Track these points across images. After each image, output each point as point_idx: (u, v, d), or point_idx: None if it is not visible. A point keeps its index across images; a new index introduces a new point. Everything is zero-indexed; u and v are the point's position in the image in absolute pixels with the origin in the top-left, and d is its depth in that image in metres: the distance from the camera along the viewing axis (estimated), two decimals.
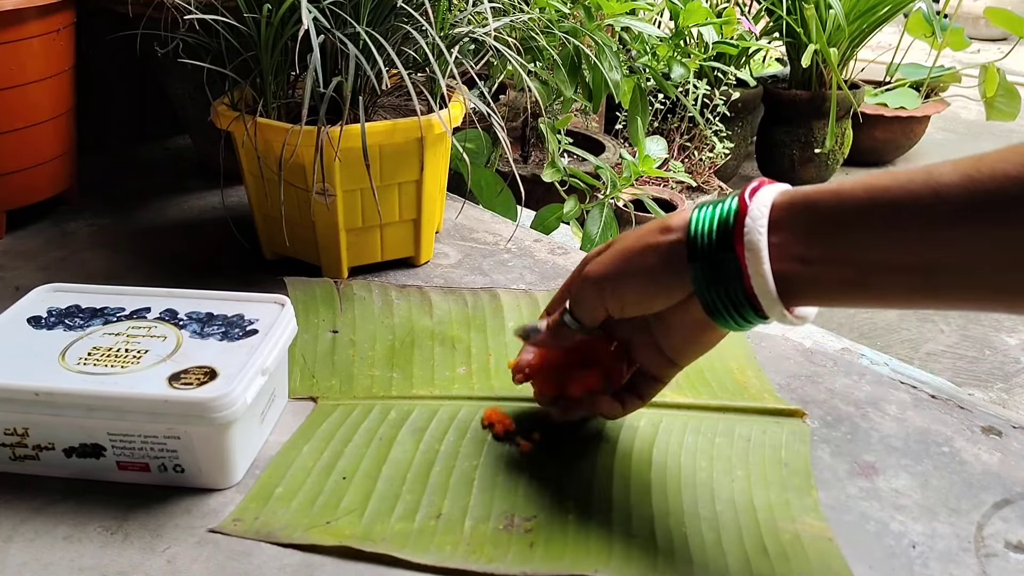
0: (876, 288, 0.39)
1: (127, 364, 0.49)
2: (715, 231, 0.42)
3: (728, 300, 0.42)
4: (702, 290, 0.43)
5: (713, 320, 0.44)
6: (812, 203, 0.40)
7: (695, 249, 0.42)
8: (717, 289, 0.42)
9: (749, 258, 0.40)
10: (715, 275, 0.42)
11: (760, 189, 0.42)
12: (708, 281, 0.42)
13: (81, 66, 0.85)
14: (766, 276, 0.40)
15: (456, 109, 0.72)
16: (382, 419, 0.56)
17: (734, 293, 0.42)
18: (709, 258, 0.42)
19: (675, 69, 1.12)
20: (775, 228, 0.40)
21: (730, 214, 0.42)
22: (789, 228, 0.40)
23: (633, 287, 0.45)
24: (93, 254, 0.80)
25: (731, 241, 0.41)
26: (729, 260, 0.41)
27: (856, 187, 0.39)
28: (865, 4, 2.27)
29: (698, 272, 0.42)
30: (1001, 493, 0.50)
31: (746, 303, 0.42)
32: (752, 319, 0.43)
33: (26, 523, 0.47)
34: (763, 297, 0.41)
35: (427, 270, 0.77)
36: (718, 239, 0.42)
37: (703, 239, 0.42)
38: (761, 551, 0.45)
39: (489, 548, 0.45)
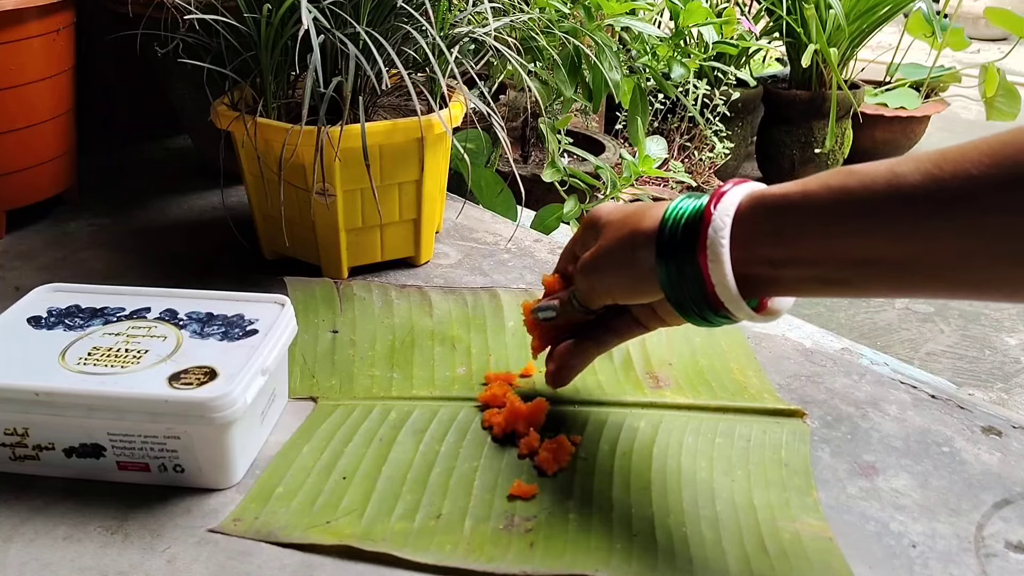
0: (845, 284, 0.39)
1: (127, 364, 0.49)
2: (679, 234, 0.43)
3: (694, 303, 0.43)
4: (668, 290, 0.44)
5: (683, 318, 0.45)
6: (776, 205, 0.40)
7: (661, 250, 0.44)
8: (682, 292, 0.43)
9: (712, 268, 0.41)
10: (680, 278, 0.43)
11: (727, 192, 0.42)
12: (672, 283, 0.43)
13: (81, 66, 0.85)
14: (729, 285, 0.41)
15: (456, 109, 0.72)
16: (382, 419, 0.56)
17: (698, 297, 0.43)
18: (674, 262, 0.43)
19: (675, 69, 1.12)
20: (740, 232, 0.41)
21: (696, 216, 0.42)
22: (754, 231, 0.41)
23: (619, 284, 0.47)
24: (93, 254, 0.80)
25: (694, 247, 0.42)
26: (691, 266, 0.42)
27: (820, 186, 0.39)
28: (865, 4, 2.27)
29: (663, 274, 0.44)
30: (1001, 493, 0.50)
31: (710, 308, 0.43)
32: (719, 320, 0.44)
33: (26, 523, 0.47)
34: (729, 303, 0.42)
35: (427, 270, 0.77)
36: (682, 242, 0.42)
37: (669, 242, 0.43)
38: (761, 551, 0.45)
39: (489, 548, 0.45)
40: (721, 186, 0.43)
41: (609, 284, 0.48)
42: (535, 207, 1.06)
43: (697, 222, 0.42)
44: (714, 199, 0.42)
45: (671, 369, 0.61)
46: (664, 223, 0.44)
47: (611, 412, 0.57)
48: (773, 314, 0.44)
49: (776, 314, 0.44)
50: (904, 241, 0.36)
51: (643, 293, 0.46)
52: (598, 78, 0.98)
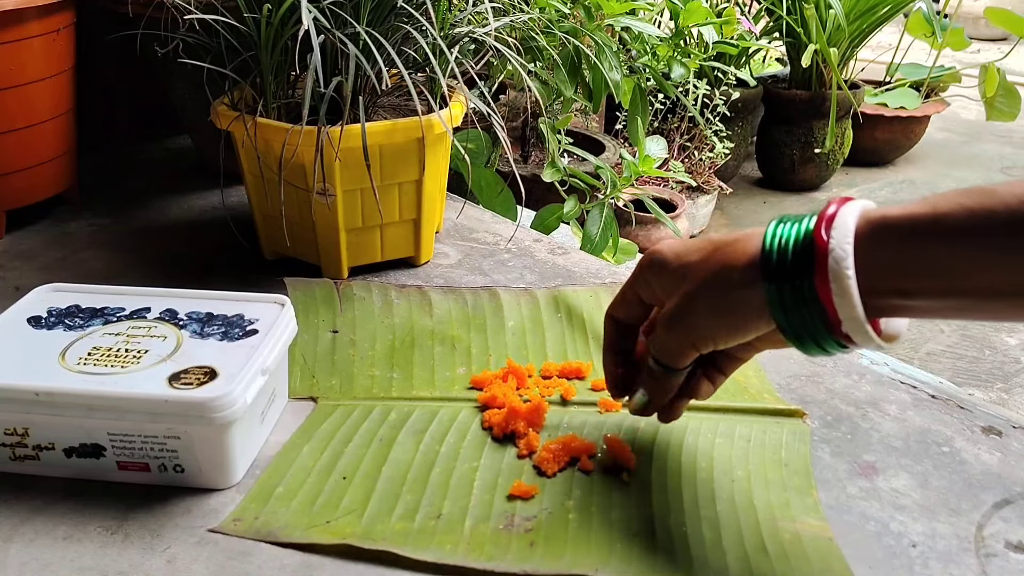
0: (984, 312, 0.37)
1: (127, 364, 0.49)
2: (790, 265, 0.39)
3: (813, 335, 0.39)
4: (784, 325, 0.40)
5: (799, 349, 0.41)
6: (905, 230, 0.37)
7: (773, 283, 0.39)
8: (802, 325, 0.39)
9: (839, 302, 0.37)
10: (798, 312, 0.39)
11: (837, 215, 0.38)
12: (790, 318, 0.39)
13: (81, 66, 0.85)
14: (859, 318, 0.37)
15: (456, 109, 0.72)
16: (382, 420, 0.56)
17: (819, 329, 0.39)
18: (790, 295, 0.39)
19: (675, 69, 1.12)
20: (865, 261, 0.37)
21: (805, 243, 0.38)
22: (882, 260, 0.37)
23: (722, 327, 0.42)
24: (93, 254, 0.80)
25: (811, 277, 0.38)
26: (810, 298, 0.38)
27: (955, 207, 0.35)
28: (865, 4, 2.27)
29: (778, 311, 0.39)
30: (1001, 493, 0.50)
31: (832, 339, 0.39)
32: (839, 349, 0.40)
33: (26, 523, 0.47)
34: (856, 336, 0.38)
35: (427, 270, 0.77)
36: (796, 272, 0.38)
37: (779, 273, 0.39)
38: (761, 551, 0.45)
39: (489, 547, 0.45)
40: (826, 208, 0.39)
41: (709, 330, 0.43)
42: (535, 207, 1.06)
43: (808, 249, 0.38)
44: (823, 224, 0.38)
45: None
46: (768, 254, 0.40)
47: (611, 413, 0.57)
48: (892, 339, 0.40)
49: (895, 339, 0.40)
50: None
51: (750, 331, 0.42)
52: (598, 78, 0.98)
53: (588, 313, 0.68)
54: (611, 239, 1.00)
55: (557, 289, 0.72)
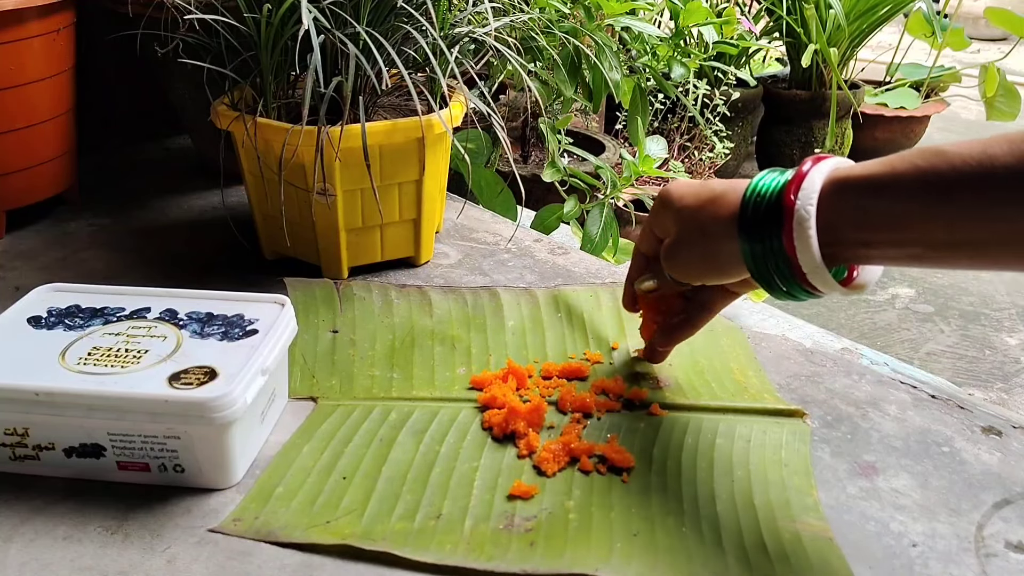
0: (938, 260, 0.40)
1: (127, 364, 0.49)
2: (762, 221, 0.43)
3: (781, 281, 0.44)
4: (754, 273, 0.45)
5: (771, 294, 0.46)
6: (864, 187, 0.40)
7: (745, 236, 0.45)
8: (770, 274, 0.44)
9: (801, 254, 0.42)
10: (766, 263, 0.44)
11: (808, 173, 0.42)
12: (759, 267, 0.44)
13: (81, 66, 0.85)
14: (819, 268, 0.42)
15: (456, 109, 0.72)
16: (382, 420, 0.56)
17: (786, 277, 0.44)
18: (760, 246, 0.44)
19: (675, 69, 1.12)
20: (826, 216, 0.41)
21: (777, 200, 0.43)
22: (842, 216, 0.41)
23: (703, 269, 0.49)
24: (93, 254, 0.80)
25: (779, 232, 0.42)
26: (778, 249, 0.43)
27: (909, 167, 0.39)
28: (865, 4, 2.27)
29: (748, 259, 0.45)
30: (1001, 493, 0.50)
31: (798, 286, 0.44)
32: (807, 295, 0.45)
33: (26, 523, 0.47)
34: (819, 284, 0.43)
35: (427, 270, 0.77)
36: (766, 228, 0.43)
37: (752, 229, 0.44)
38: (761, 551, 0.45)
39: (489, 547, 0.45)
40: (801, 166, 0.43)
41: (694, 270, 0.50)
42: (535, 207, 1.06)
43: (778, 207, 0.42)
44: (794, 183, 0.42)
45: (671, 369, 0.61)
46: (745, 208, 0.45)
47: (611, 414, 0.57)
48: (861, 287, 0.45)
49: (864, 287, 0.45)
50: (1000, 223, 0.36)
51: (728, 275, 0.48)
52: (598, 78, 0.98)
53: (588, 313, 0.68)
54: (611, 239, 1.00)
55: (557, 289, 0.72)
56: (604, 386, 0.59)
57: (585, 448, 0.52)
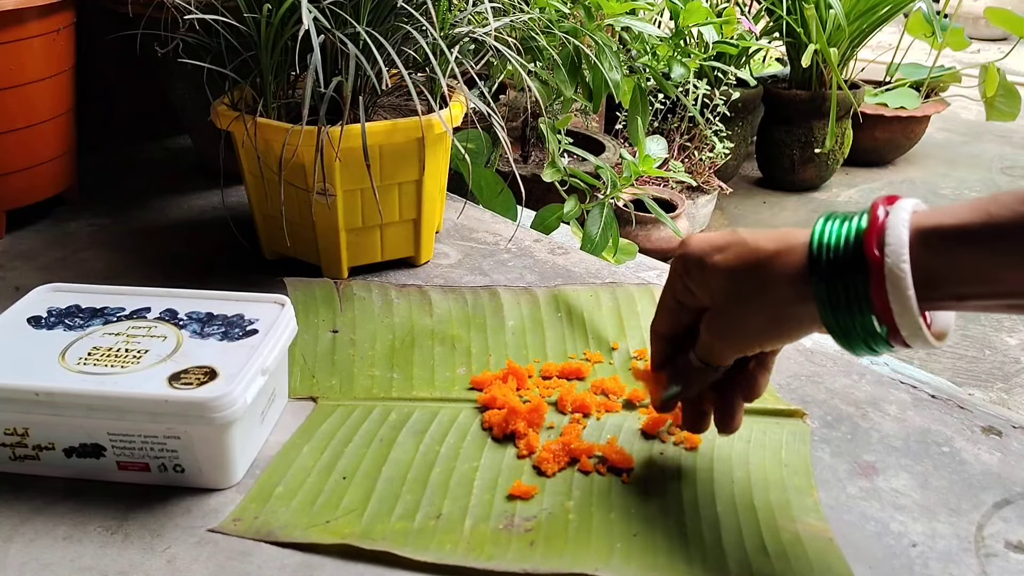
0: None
1: (127, 364, 0.49)
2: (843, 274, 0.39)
3: (866, 339, 0.40)
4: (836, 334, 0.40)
5: (848, 349, 0.41)
6: (959, 238, 0.37)
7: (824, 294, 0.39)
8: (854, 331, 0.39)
9: (899, 316, 0.37)
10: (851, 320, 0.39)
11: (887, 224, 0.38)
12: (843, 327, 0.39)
13: (81, 66, 0.85)
14: (919, 329, 0.38)
15: (456, 109, 0.72)
16: (382, 420, 0.56)
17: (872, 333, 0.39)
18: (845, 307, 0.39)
19: (675, 69, 1.12)
20: (920, 272, 0.37)
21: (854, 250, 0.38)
22: (937, 270, 0.37)
23: (768, 332, 0.43)
24: (93, 254, 0.80)
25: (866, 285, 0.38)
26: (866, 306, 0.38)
27: (1008, 212, 0.35)
28: (865, 4, 2.27)
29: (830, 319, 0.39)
30: (1001, 493, 0.50)
31: (886, 343, 0.39)
32: (888, 350, 0.40)
33: (26, 523, 0.47)
34: (915, 343, 0.39)
35: (427, 270, 0.77)
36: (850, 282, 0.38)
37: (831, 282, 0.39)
38: (761, 551, 0.45)
39: (489, 547, 0.45)
40: (874, 216, 0.38)
41: (756, 339, 0.43)
42: (535, 207, 1.06)
43: (859, 261, 0.38)
44: (874, 234, 0.38)
45: None
46: (816, 265, 0.39)
47: (611, 414, 0.57)
48: (942, 336, 0.40)
49: (945, 336, 0.41)
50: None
51: (796, 338, 0.43)
52: (598, 78, 0.98)
53: (588, 313, 0.68)
54: (611, 239, 1.00)
55: (557, 289, 0.72)
56: (604, 386, 0.59)
57: (585, 448, 0.52)
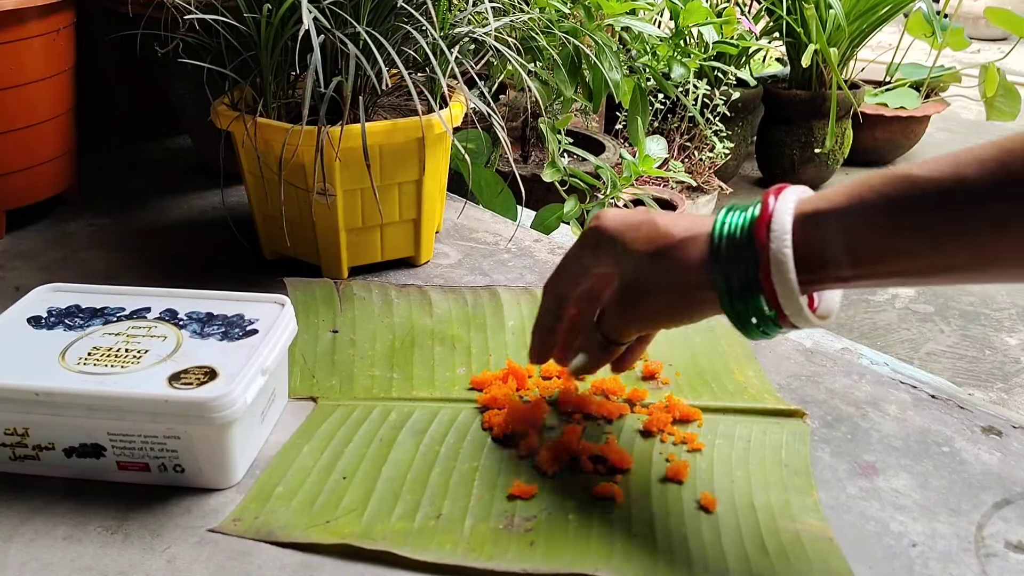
0: (917, 282, 0.39)
1: (127, 364, 0.49)
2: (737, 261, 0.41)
3: (758, 322, 0.42)
4: (731, 315, 0.43)
5: (744, 334, 0.43)
6: (837, 223, 0.39)
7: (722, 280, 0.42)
8: (747, 314, 0.42)
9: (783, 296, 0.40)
10: (744, 304, 0.41)
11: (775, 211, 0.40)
12: (737, 311, 0.42)
13: (81, 66, 0.85)
14: (801, 308, 0.40)
15: (456, 109, 0.72)
16: (382, 420, 0.56)
17: (762, 316, 0.41)
18: (739, 292, 0.41)
19: (675, 69, 1.12)
20: (803, 256, 0.39)
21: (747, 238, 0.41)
22: (818, 254, 0.39)
23: (668, 314, 0.45)
24: (93, 254, 0.80)
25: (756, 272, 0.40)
26: (757, 290, 0.41)
27: (880, 198, 0.37)
28: (865, 4, 2.27)
29: (726, 303, 0.42)
30: (1001, 493, 0.50)
31: (775, 324, 0.42)
32: (779, 333, 0.43)
33: (26, 523, 0.47)
34: (799, 322, 0.41)
35: (427, 270, 0.77)
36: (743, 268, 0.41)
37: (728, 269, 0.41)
38: (761, 551, 0.45)
39: (489, 547, 0.45)
40: (765, 204, 0.41)
41: (658, 319, 0.46)
42: (535, 207, 1.06)
43: (751, 247, 0.40)
44: (763, 221, 0.40)
45: (671, 370, 0.61)
46: (716, 253, 0.42)
47: (610, 414, 0.57)
48: (826, 316, 0.43)
49: (829, 316, 0.43)
50: (981, 247, 0.35)
51: (696, 320, 0.45)
52: (598, 78, 0.98)
53: None
54: None
55: None
56: (604, 386, 0.59)
57: (585, 448, 0.52)
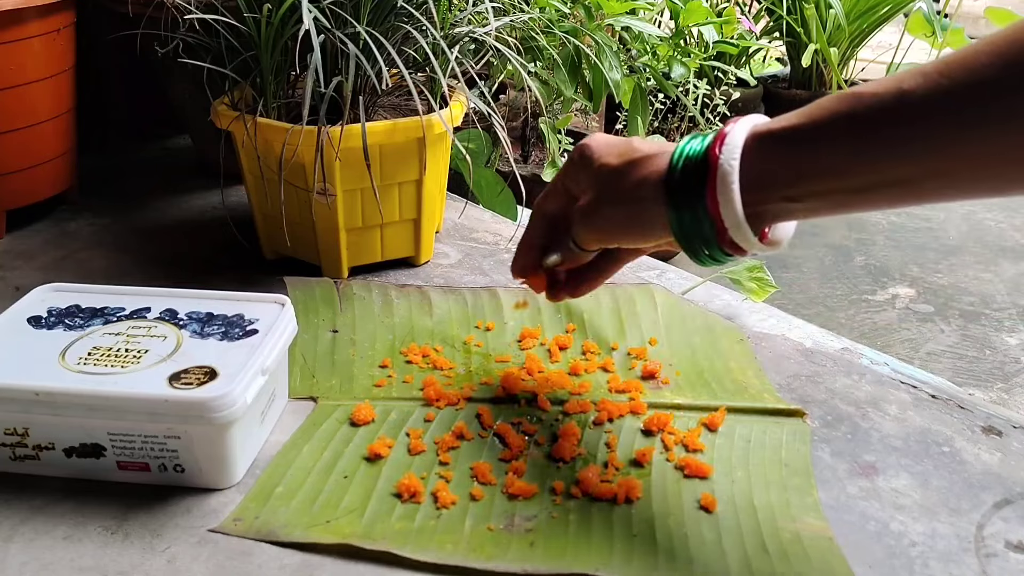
0: (863, 204, 0.39)
1: (127, 364, 0.49)
2: (688, 180, 0.42)
3: (704, 244, 0.43)
4: (679, 235, 0.44)
5: (692, 258, 0.45)
6: (785, 141, 0.40)
7: (672, 198, 0.43)
8: (693, 234, 0.43)
9: (725, 212, 0.41)
10: (692, 223, 0.42)
11: (729, 132, 0.41)
12: (685, 228, 0.43)
13: (81, 66, 0.85)
14: (742, 226, 0.41)
15: (456, 109, 0.72)
16: (383, 419, 0.56)
17: (710, 238, 0.42)
18: (687, 208, 0.42)
19: (675, 69, 1.12)
20: (750, 173, 0.40)
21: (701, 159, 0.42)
22: (765, 171, 0.40)
23: (625, 230, 0.47)
24: (93, 254, 0.80)
25: (704, 191, 0.41)
26: (703, 210, 0.41)
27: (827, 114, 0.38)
28: (865, 4, 2.27)
29: (674, 220, 0.43)
30: (1001, 493, 0.50)
31: (720, 248, 0.43)
32: (727, 258, 0.44)
33: (26, 523, 0.47)
34: (741, 242, 0.42)
35: (427, 270, 0.77)
36: (692, 188, 0.42)
37: (679, 189, 0.43)
38: (761, 551, 0.45)
39: (489, 547, 0.45)
40: (726, 125, 0.42)
41: (615, 232, 0.47)
42: None
43: (704, 165, 0.41)
44: (718, 141, 0.41)
45: (671, 369, 0.61)
46: (672, 170, 0.43)
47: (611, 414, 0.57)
48: (776, 244, 0.44)
49: (779, 244, 0.44)
50: (922, 159, 0.36)
51: (650, 239, 0.46)
52: (598, 78, 0.98)
53: (588, 313, 0.68)
54: None
55: None
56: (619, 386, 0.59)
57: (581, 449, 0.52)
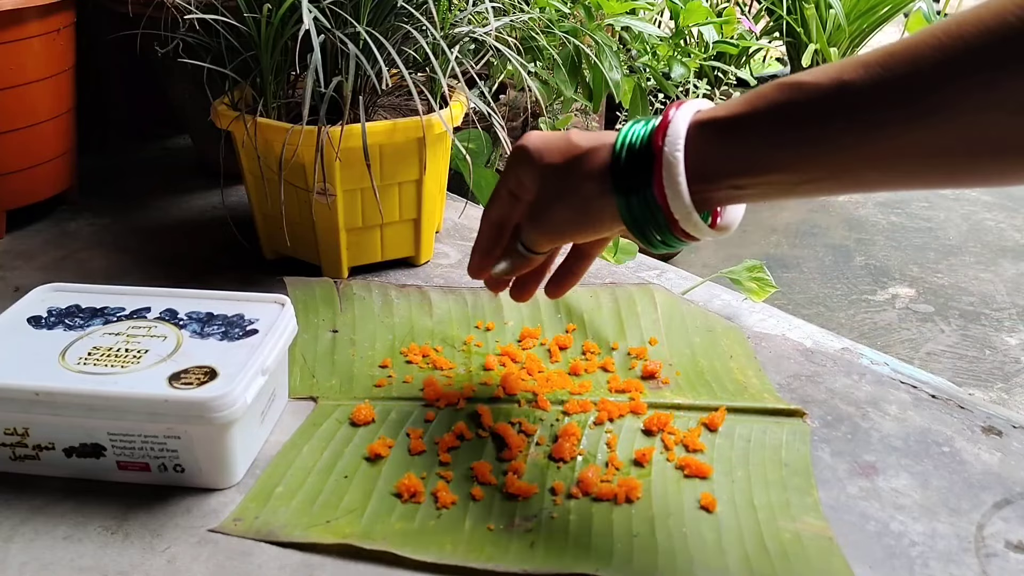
0: (810, 192, 0.39)
1: (127, 364, 0.49)
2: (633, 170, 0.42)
3: (656, 231, 0.43)
4: (630, 225, 0.43)
5: (647, 246, 0.45)
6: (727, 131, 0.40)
7: (619, 188, 0.43)
8: (644, 223, 0.43)
9: (672, 202, 0.41)
10: (641, 212, 0.42)
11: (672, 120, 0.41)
12: (635, 218, 0.43)
13: (81, 66, 0.85)
14: (690, 214, 0.41)
15: (456, 109, 0.72)
16: (383, 419, 0.56)
17: (661, 226, 0.42)
18: (635, 197, 0.42)
19: (675, 69, 1.12)
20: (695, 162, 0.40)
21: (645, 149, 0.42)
22: (709, 160, 0.40)
23: (575, 226, 0.46)
24: (93, 254, 0.80)
25: (650, 180, 0.41)
26: (651, 198, 0.41)
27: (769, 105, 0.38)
28: (865, 4, 2.27)
29: (624, 211, 0.43)
30: (1001, 493, 0.50)
31: (672, 234, 0.43)
32: (680, 244, 0.44)
33: (26, 523, 0.47)
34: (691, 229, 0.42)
35: (427, 270, 0.77)
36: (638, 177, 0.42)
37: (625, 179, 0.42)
38: (761, 551, 0.45)
39: (489, 547, 0.45)
40: (665, 114, 0.42)
41: (566, 229, 0.47)
42: None
43: (648, 153, 0.41)
44: (661, 129, 0.41)
45: (671, 369, 0.61)
46: (616, 160, 0.43)
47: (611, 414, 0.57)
48: (726, 229, 0.44)
49: (728, 229, 0.44)
50: (861, 150, 0.36)
51: (602, 231, 0.46)
52: (598, 78, 0.98)
53: (588, 313, 0.68)
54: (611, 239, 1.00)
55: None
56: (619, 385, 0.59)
57: (580, 450, 0.52)
